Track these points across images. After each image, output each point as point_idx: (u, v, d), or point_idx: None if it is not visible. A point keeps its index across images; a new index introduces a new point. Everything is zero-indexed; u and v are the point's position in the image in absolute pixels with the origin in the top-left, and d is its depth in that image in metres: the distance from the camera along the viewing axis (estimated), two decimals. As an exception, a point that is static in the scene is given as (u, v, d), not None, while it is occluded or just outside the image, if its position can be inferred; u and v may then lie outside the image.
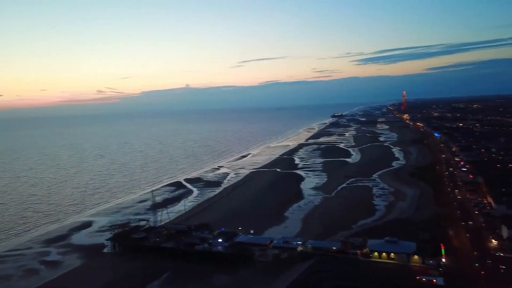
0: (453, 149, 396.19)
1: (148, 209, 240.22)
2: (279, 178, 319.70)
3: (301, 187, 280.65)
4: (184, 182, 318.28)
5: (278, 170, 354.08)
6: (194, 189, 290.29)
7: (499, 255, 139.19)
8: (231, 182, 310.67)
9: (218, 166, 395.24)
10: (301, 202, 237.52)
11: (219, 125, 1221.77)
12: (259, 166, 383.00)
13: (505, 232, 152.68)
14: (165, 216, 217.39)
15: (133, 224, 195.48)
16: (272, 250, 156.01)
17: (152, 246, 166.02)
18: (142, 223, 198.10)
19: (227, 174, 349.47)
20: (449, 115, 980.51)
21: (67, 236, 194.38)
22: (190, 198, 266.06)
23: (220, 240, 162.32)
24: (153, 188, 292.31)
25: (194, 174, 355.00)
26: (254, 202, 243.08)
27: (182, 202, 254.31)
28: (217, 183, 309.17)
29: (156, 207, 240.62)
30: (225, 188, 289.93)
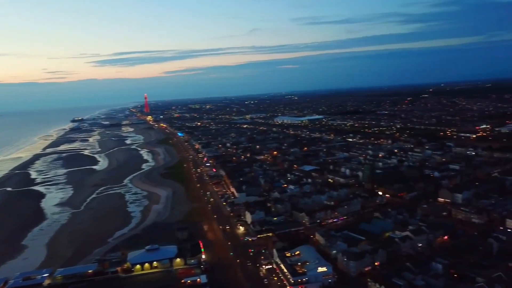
0: (196, 147, 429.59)
1: None
2: (10, 199, 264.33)
3: (42, 205, 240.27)
4: None
5: (9, 189, 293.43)
6: None
7: (247, 240, 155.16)
8: None
9: None
10: (44, 224, 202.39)
11: None
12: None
13: (248, 218, 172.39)
14: None
15: None
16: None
17: None
18: None
19: None
20: (187, 115, 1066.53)
21: None
22: None
23: None
24: None
25: None
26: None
27: None
28: None
29: None
30: None
